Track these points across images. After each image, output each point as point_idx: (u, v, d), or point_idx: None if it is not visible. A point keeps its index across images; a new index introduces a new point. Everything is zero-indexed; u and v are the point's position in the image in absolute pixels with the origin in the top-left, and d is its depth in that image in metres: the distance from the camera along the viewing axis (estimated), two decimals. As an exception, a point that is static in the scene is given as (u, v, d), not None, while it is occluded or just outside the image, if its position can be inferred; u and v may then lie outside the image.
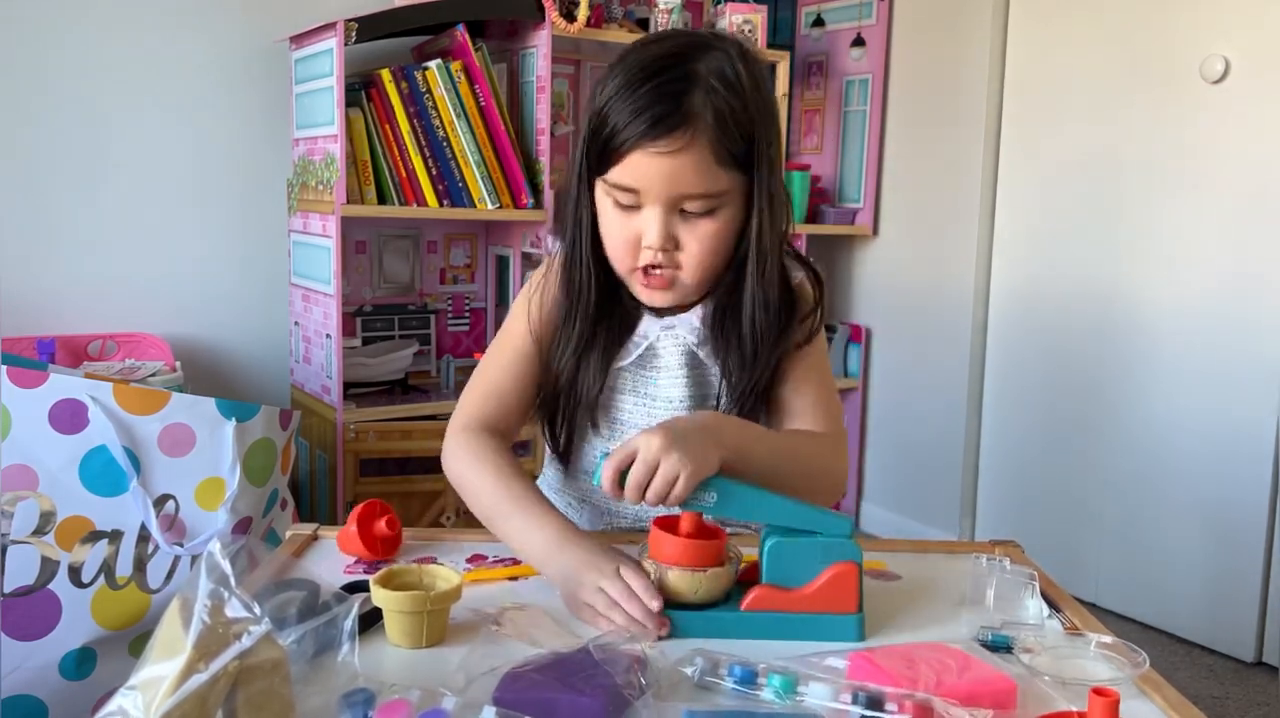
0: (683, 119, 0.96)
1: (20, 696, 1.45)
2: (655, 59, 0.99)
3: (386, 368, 2.36)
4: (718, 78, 0.98)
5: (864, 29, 2.93)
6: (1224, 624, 2.27)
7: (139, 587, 1.51)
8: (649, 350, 1.08)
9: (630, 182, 0.98)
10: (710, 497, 0.85)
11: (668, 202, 0.98)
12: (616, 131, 0.97)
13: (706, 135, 0.96)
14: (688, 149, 0.96)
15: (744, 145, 0.99)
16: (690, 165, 0.97)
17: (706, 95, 0.96)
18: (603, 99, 0.99)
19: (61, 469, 1.47)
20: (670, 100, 0.96)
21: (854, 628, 0.83)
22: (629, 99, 0.97)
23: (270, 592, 0.87)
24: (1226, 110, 2.23)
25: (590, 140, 1.02)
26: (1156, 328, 2.38)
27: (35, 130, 2.13)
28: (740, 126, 0.98)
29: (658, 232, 0.99)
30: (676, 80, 0.97)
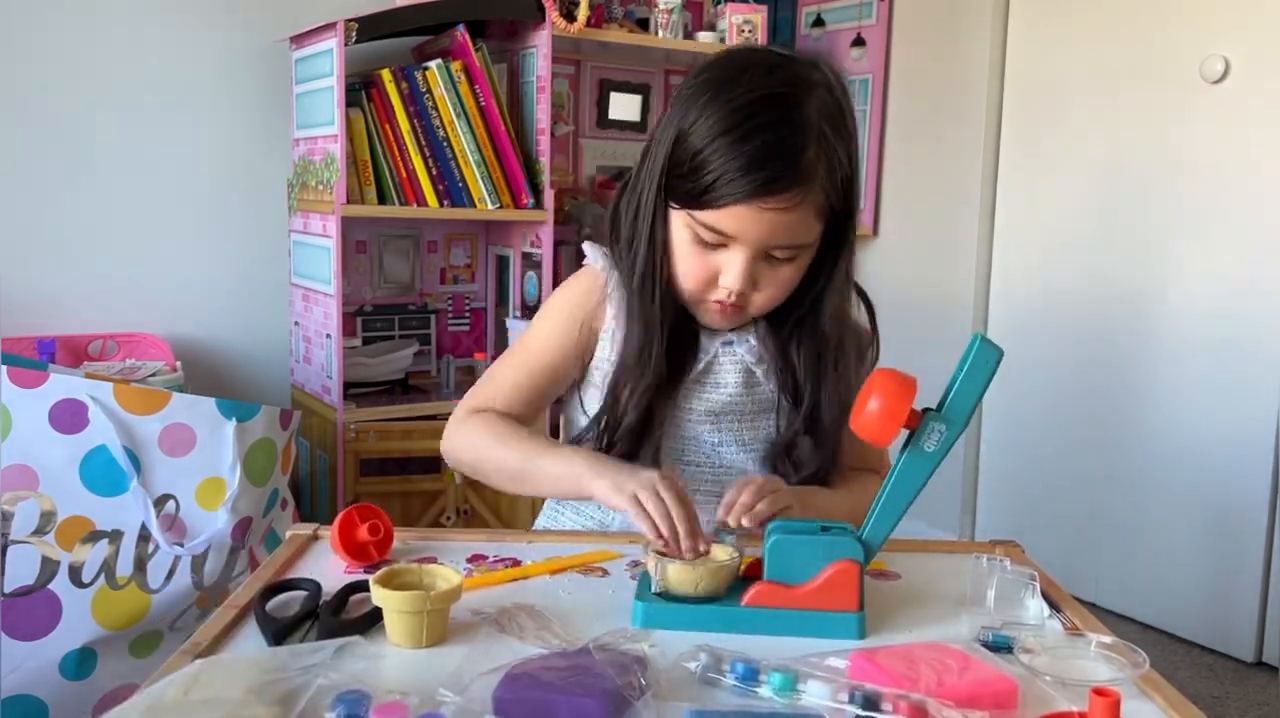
0: (797, 178, 0.92)
1: (20, 696, 1.45)
2: (762, 101, 0.93)
3: (386, 368, 2.36)
4: (829, 123, 0.94)
5: (864, 29, 2.93)
6: (1224, 624, 2.27)
7: (139, 587, 1.51)
8: (707, 366, 1.08)
9: (727, 229, 0.95)
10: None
11: (759, 250, 0.97)
12: (721, 181, 0.92)
13: (817, 193, 0.94)
14: (796, 208, 0.94)
15: (841, 197, 0.97)
16: (794, 221, 0.95)
17: (819, 149, 0.93)
18: (701, 137, 0.94)
19: (62, 469, 1.47)
20: (786, 159, 0.92)
21: (854, 626, 0.83)
22: (738, 149, 0.92)
23: (270, 592, 0.87)
24: (1226, 110, 2.23)
25: (681, 175, 0.96)
26: (1156, 327, 2.38)
27: (35, 130, 2.13)
28: (843, 178, 0.96)
29: (740, 277, 0.97)
30: (791, 133, 0.92)
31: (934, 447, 0.83)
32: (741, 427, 1.09)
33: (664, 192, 0.99)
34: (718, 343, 1.08)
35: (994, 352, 0.82)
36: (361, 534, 0.96)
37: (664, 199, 0.99)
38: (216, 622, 0.81)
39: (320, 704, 0.66)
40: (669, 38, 2.56)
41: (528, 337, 1.11)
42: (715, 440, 1.08)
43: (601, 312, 1.08)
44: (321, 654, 0.70)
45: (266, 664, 0.69)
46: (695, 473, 1.09)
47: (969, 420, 0.83)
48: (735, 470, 1.10)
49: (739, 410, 1.08)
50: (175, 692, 0.65)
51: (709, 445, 1.09)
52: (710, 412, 1.08)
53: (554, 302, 1.12)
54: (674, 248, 1.01)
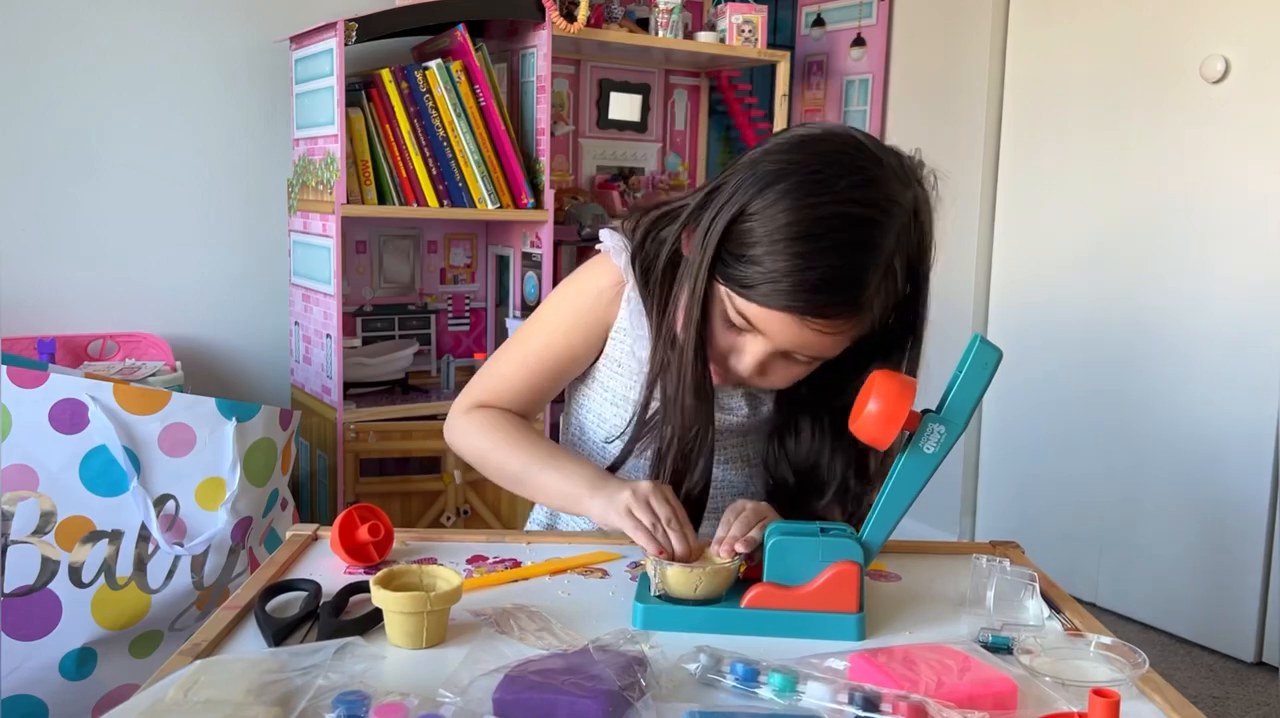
0: (852, 310, 0.88)
1: (20, 696, 1.45)
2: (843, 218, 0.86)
3: (386, 368, 2.36)
4: (902, 254, 0.90)
5: (864, 29, 2.93)
6: (1224, 624, 2.27)
7: (139, 587, 1.51)
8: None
9: (759, 324, 0.91)
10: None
11: (783, 351, 0.93)
12: (774, 285, 0.86)
13: (864, 324, 0.91)
14: (838, 335, 0.90)
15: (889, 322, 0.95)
16: (830, 342, 0.91)
17: (883, 282, 0.89)
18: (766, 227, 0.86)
19: (62, 469, 1.47)
20: (848, 289, 0.87)
21: (854, 628, 0.83)
22: (799, 264, 0.85)
23: (270, 592, 0.87)
24: (1226, 110, 2.23)
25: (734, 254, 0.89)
26: (1156, 327, 2.38)
27: (35, 130, 2.13)
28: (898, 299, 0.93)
29: (751, 366, 0.94)
30: (863, 264, 0.87)
31: (934, 448, 0.83)
32: (745, 444, 1.10)
33: (712, 266, 0.92)
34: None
35: (993, 352, 0.82)
36: (361, 535, 0.96)
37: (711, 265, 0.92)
38: (216, 622, 0.81)
39: (320, 705, 0.66)
40: (669, 38, 2.56)
41: (532, 333, 1.09)
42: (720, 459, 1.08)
43: (615, 308, 1.05)
44: (321, 655, 0.70)
45: (266, 665, 0.69)
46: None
47: (969, 422, 0.83)
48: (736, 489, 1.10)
49: (741, 430, 1.08)
50: (175, 692, 0.65)
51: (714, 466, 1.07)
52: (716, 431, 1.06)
53: (566, 292, 1.09)
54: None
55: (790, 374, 0.97)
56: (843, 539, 0.84)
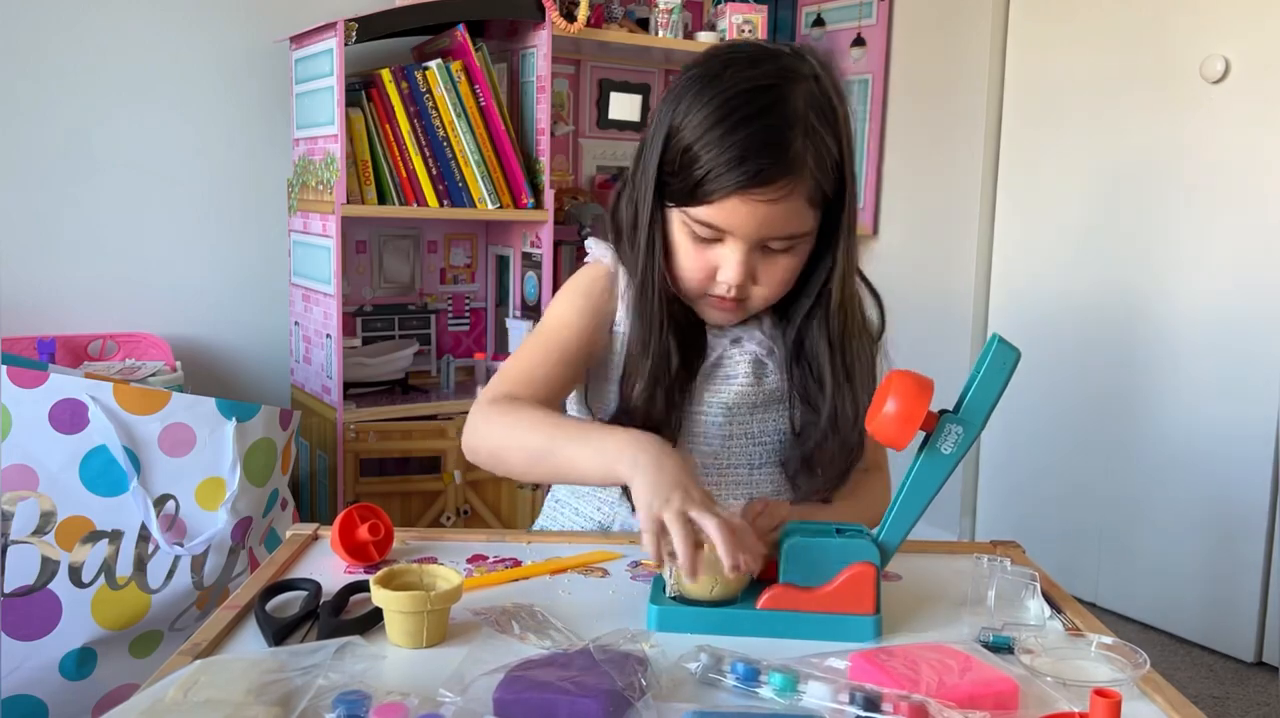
0: (786, 168, 0.92)
1: (20, 696, 1.45)
2: (747, 92, 0.94)
3: (386, 368, 2.36)
4: (816, 113, 0.94)
5: (864, 29, 2.93)
6: (1224, 624, 2.27)
7: (139, 587, 1.51)
8: (717, 361, 1.07)
9: (720, 223, 0.96)
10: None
11: (754, 243, 0.97)
12: (711, 175, 0.93)
13: (805, 183, 0.94)
14: (786, 198, 0.94)
15: (833, 184, 0.97)
16: (786, 211, 0.95)
17: (807, 138, 0.93)
18: (690, 132, 0.94)
19: (61, 469, 1.47)
20: (773, 150, 0.92)
21: (871, 629, 0.82)
22: (725, 142, 0.92)
23: (270, 592, 0.87)
24: (1226, 110, 2.23)
25: (673, 172, 0.97)
26: (1156, 327, 2.38)
27: (35, 130, 2.13)
28: (834, 166, 0.96)
29: (737, 271, 0.97)
30: (776, 122, 0.93)
31: (951, 448, 0.83)
32: (751, 419, 1.08)
33: (658, 190, 0.99)
34: (726, 340, 1.07)
35: (1011, 352, 0.81)
36: (362, 534, 0.96)
37: (659, 198, 0.99)
38: (216, 622, 0.81)
39: (320, 705, 0.66)
40: (669, 38, 2.56)
41: (544, 327, 1.09)
42: (725, 434, 1.08)
43: (614, 303, 1.07)
44: (321, 655, 0.70)
45: (266, 665, 0.69)
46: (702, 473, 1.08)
47: (986, 422, 0.83)
48: (741, 472, 1.09)
49: (749, 403, 1.07)
50: (175, 692, 0.65)
51: (718, 441, 1.08)
52: (723, 404, 1.07)
53: (567, 292, 1.10)
54: (672, 246, 1.01)
55: (777, 271, 0.99)
56: (859, 540, 0.83)
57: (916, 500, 0.85)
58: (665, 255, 1.01)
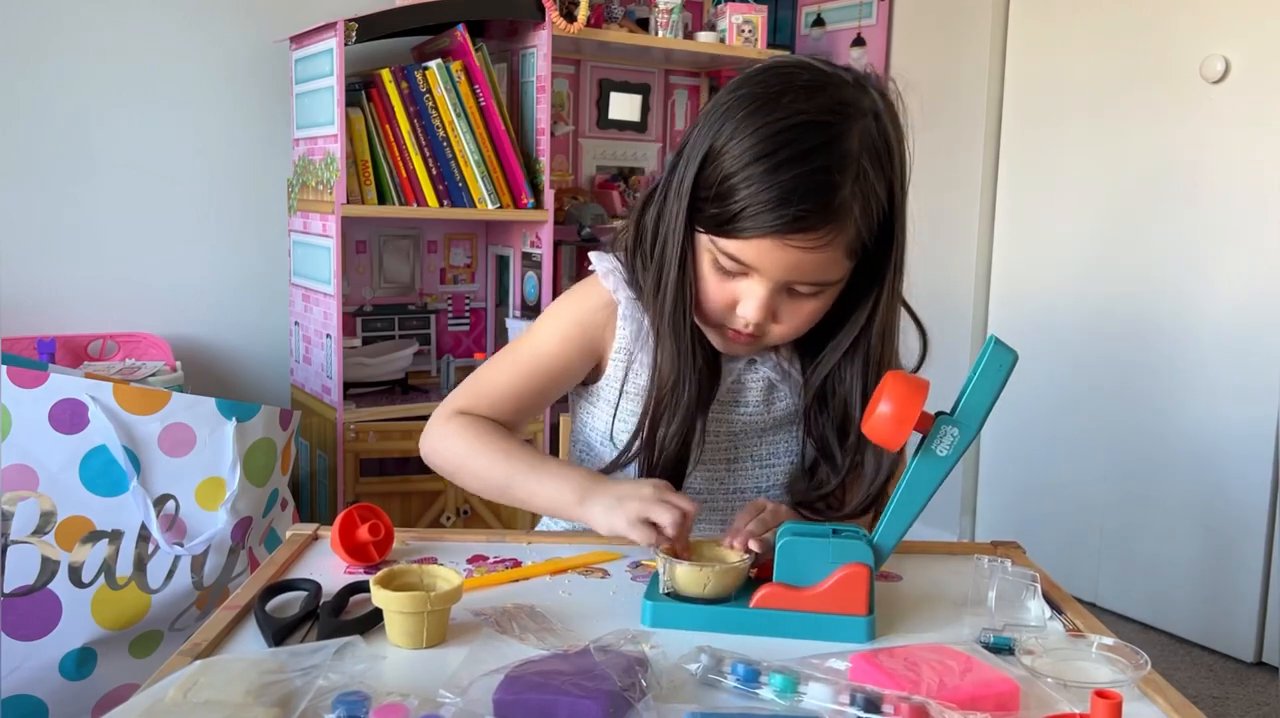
0: (830, 217, 0.86)
1: (20, 696, 1.45)
2: (800, 126, 0.86)
3: (386, 368, 2.36)
4: (871, 156, 0.88)
5: (864, 29, 2.93)
6: (1224, 624, 2.27)
7: (139, 587, 1.51)
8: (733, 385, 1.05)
9: (749, 260, 0.90)
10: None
11: (781, 285, 0.91)
12: (748, 213, 0.86)
13: (847, 234, 0.88)
14: (826, 247, 0.87)
15: (878, 232, 0.91)
16: (822, 260, 0.89)
17: (856, 184, 0.86)
18: (732, 161, 0.87)
19: (61, 469, 1.47)
20: (819, 194, 0.85)
21: (864, 630, 0.82)
22: (767, 180, 0.85)
23: (270, 592, 0.87)
24: (1226, 110, 2.23)
25: (708, 198, 0.90)
26: (1155, 327, 2.38)
27: (35, 130, 2.13)
28: (881, 214, 0.90)
29: (759, 309, 0.92)
30: (827, 166, 0.85)
31: (946, 451, 0.82)
32: (761, 443, 1.07)
33: (690, 212, 0.92)
34: (741, 364, 1.04)
35: (1008, 354, 0.80)
36: (362, 534, 0.96)
37: (690, 220, 0.93)
38: (216, 622, 0.81)
39: (320, 705, 0.66)
40: (669, 38, 2.56)
41: (524, 344, 1.07)
42: (731, 458, 1.07)
43: (611, 331, 1.04)
44: (321, 655, 0.70)
45: (266, 665, 0.69)
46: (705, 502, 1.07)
47: (983, 424, 0.82)
48: (748, 495, 1.07)
49: (759, 427, 1.06)
50: (175, 692, 0.65)
51: (724, 465, 1.07)
52: (730, 430, 1.05)
53: (557, 311, 1.07)
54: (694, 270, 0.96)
55: (801, 314, 0.94)
56: (854, 541, 0.83)
57: (912, 503, 0.84)
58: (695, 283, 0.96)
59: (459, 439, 1.02)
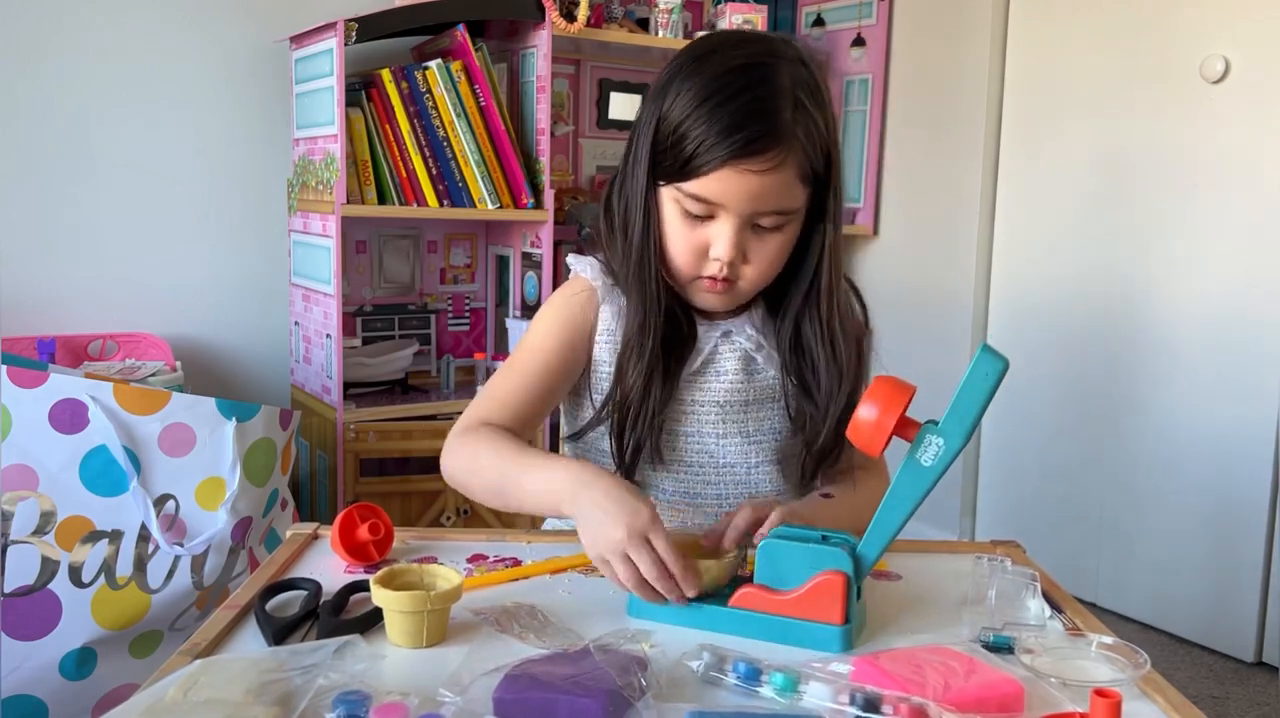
0: (777, 138, 0.94)
1: (20, 696, 1.45)
2: (736, 69, 0.96)
3: (386, 368, 2.36)
4: (803, 89, 0.96)
5: (864, 29, 2.93)
6: (1224, 624, 2.27)
7: (139, 587, 1.51)
8: (708, 358, 1.08)
9: (712, 196, 0.96)
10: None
11: (746, 218, 0.98)
12: (703, 148, 0.94)
13: (796, 155, 0.95)
14: (778, 169, 0.95)
15: (823, 161, 0.98)
16: (779, 184, 0.96)
17: (795, 112, 0.95)
18: (680, 109, 0.96)
19: (61, 469, 1.47)
20: (764, 118, 0.94)
21: (838, 640, 0.81)
22: (716, 114, 0.94)
23: (270, 592, 0.87)
24: (1226, 110, 2.23)
25: (665, 150, 0.98)
26: (1156, 327, 2.38)
27: (35, 130, 2.13)
28: (820, 145, 0.97)
29: (730, 246, 0.98)
30: (766, 95, 0.94)
31: (931, 461, 0.79)
32: (746, 418, 1.08)
33: (651, 172, 1.00)
34: (717, 334, 1.08)
35: (998, 362, 0.77)
36: (362, 534, 0.96)
37: (652, 179, 1.00)
38: (216, 622, 0.81)
39: (320, 705, 0.66)
40: (669, 38, 2.56)
41: (522, 347, 1.11)
42: (719, 433, 1.08)
43: (593, 314, 1.08)
44: (321, 654, 0.70)
45: (266, 665, 0.69)
46: (697, 475, 1.09)
47: (971, 433, 0.79)
48: (739, 471, 1.09)
49: (741, 400, 1.08)
50: (175, 692, 0.65)
51: (712, 440, 1.08)
52: (714, 403, 1.07)
53: (543, 312, 1.12)
54: (664, 228, 1.02)
55: (768, 251, 1.00)
56: (834, 549, 0.82)
57: (895, 513, 0.81)
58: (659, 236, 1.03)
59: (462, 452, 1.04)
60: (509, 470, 0.98)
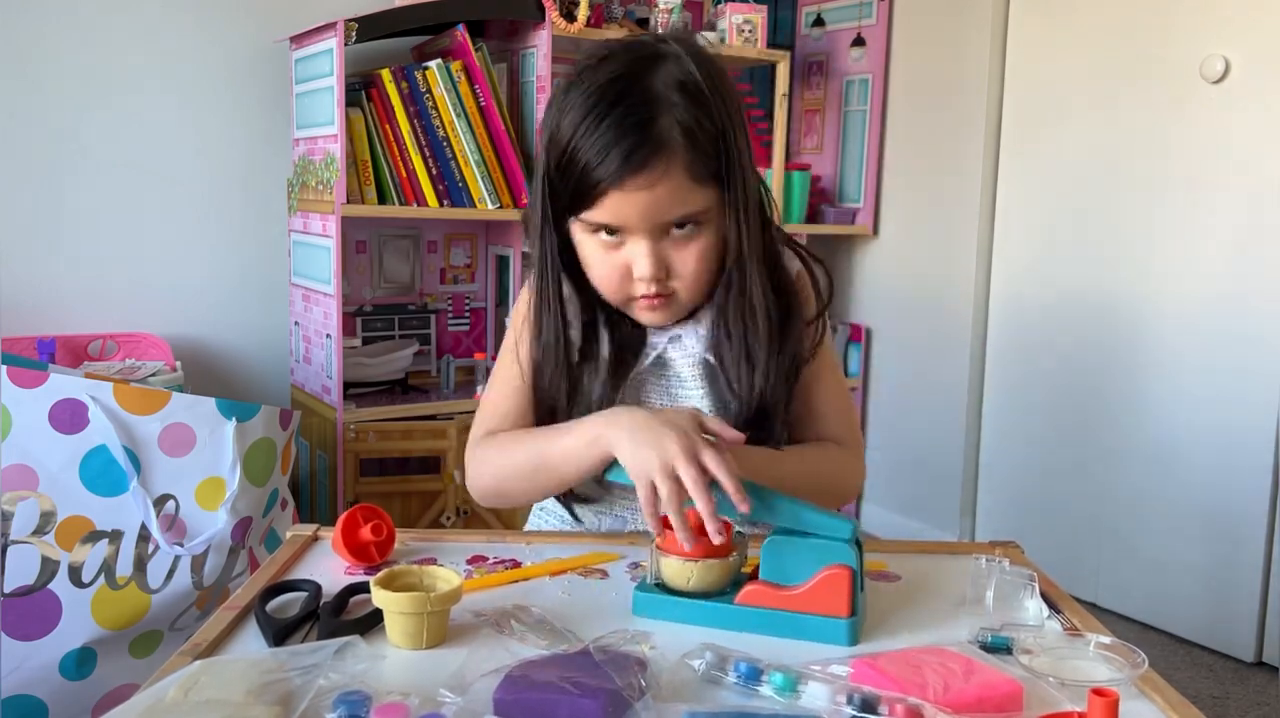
0: (654, 149, 0.92)
1: (20, 696, 1.45)
2: (608, 82, 0.94)
3: (386, 368, 2.36)
4: (678, 91, 0.94)
5: (864, 29, 2.93)
6: (1224, 624, 2.27)
7: (139, 587, 1.51)
8: (659, 360, 1.07)
9: (611, 220, 0.95)
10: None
11: (652, 231, 0.96)
12: (588, 172, 0.93)
13: (680, 159, 0.93)
14: (664, 178, 0.93)
15: (716, 157, 0.96)
16: (669, 193, 0.93)
17: (670, 114, 0.93)
18: (564, 133, 0.94)
19: (61, 469, 1.47)
20: (636, 131, 0.92)
21: (845, 632, 0.82)
22: (593, 134, 0.92)
23: (270, 592, 0.87)
24: (1226, 110, 2.23)
25: (558, 178, 0.96)
26: (1156, 327, 2.38)
27: (35, 130, 2.13)
28: (710, 139, 0.95)
29: (648, 263, 0.96)
30: (637, 105, 0.92)
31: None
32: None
33: (548, 200, 0.99)
34: (665, 338, 1.07)
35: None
36: (365, 535, 0.96)
37: (555, 210, 0.99)
38: (216, 622, 0.81)
39: (321, 705, 0.66)
40: (669, 38, 2.55)
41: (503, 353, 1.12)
42: None
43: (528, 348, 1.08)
44: (322, 655, 0.70)
45: (267, 665, 0.69)
46: None
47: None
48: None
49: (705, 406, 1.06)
50: (175, 692, 0.65)
51: None
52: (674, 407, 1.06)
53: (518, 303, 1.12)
54: (585, 258, 1.01)
55: (690, 257, 0.98)
56: (838, 543, 0.83)
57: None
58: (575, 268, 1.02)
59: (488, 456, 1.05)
60: (541, 445, 0.99)
